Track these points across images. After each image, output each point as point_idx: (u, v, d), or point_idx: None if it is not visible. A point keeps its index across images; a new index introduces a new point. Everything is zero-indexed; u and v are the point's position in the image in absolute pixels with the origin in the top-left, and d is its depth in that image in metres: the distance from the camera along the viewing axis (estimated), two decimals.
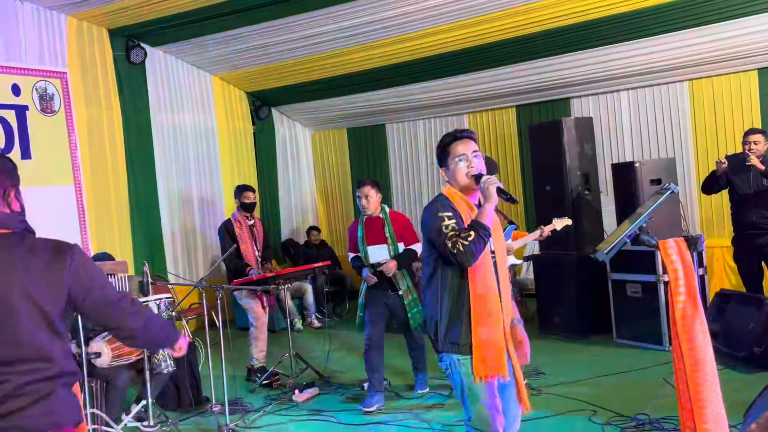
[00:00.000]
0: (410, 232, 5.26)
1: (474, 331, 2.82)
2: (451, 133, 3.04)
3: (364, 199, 5.15)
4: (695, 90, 7.94)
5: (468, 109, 9.43)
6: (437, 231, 2.82)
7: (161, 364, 4.67)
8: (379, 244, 5.16)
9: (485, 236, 2.74)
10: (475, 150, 2.99)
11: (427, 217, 2.92)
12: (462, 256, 2.72)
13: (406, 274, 5.14)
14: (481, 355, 2.81)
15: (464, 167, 2.95)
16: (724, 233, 7.39)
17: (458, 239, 2.73)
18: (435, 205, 2.93)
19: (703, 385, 2.47)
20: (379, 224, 5.18)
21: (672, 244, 2.54)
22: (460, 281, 2.86)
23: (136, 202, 7.95)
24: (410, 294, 5.11)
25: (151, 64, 8.29)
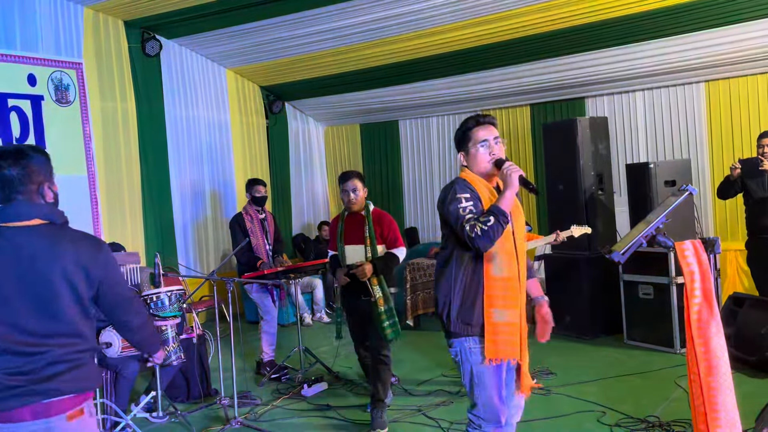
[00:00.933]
0: (394, 234, 4.73)
1: (487, 312, 2.81)
2: (473, 118, 3.01)
3: (352, 193, 4.69)
4: (711, 91, 7.87)
5: (482, 107, 9.40)
6: (454, 213, 2.80)
7: (171, 356, 4.69)
8: (357, 244, 4.68)
9: (504, 222, 2.73)
10: (496, 136, 2.97)
11: (444, 198, 2.89)
12: (479, 240, 2.70)
13: (383, 280, 4.61)
14: (493, 336, 2.80)
15: (486, 152, 2.93)
16: (738, 236, 7.33)
17: (477, 223, 2.72)
18: (452, 186, 2.90)
19: (717, 389, 2.44)
20: (360, 222, 4.71)
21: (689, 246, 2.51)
22: (477, 263, 2.86)
23: (148, 194, 7.98)
24: (385, 303, 4.57)
25: (166, 56, 8.31)
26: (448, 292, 2.89)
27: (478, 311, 2.84)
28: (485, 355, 2.81)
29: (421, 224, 10.23)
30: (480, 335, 2.84)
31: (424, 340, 7.00)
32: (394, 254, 4.68)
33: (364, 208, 4.73)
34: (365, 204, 4.75)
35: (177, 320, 4.72)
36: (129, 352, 4.77)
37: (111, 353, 4.70)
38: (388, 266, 4.65)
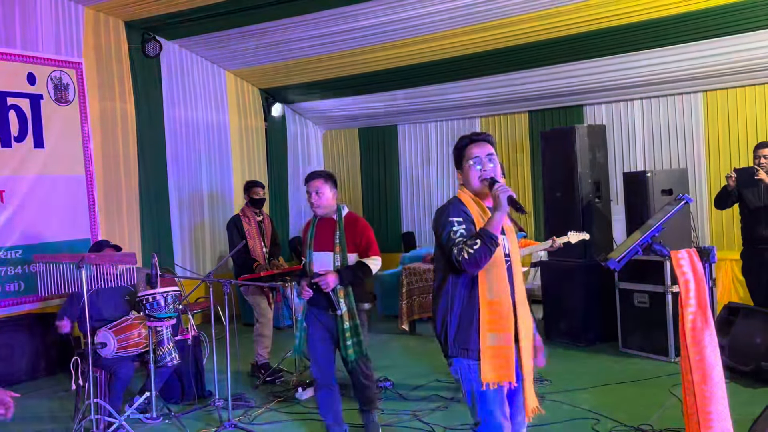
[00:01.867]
0: (368, 241, 4.26)
1: (482, 337, 2.81)
2: (467, 136, 3.01)
3: (314, 195, 4.23)
4: (709, 101, 7.90)
5: (481, 113, 9.42)
6: (445, 236, 2.81)
7: (166, 357, 4.69)
8: (326, 251, 4.21)
9: (491, 245, 2.71)
10: (490, 153, 2.95)
11: (438, 220, 2.91)
12: (465, 263, 2.71)
13: (351, 293, 4.15)
14: (489, 360, 2.80)
15: (477, 170, 2.93)
16: (734, 246, 7.35)
17: (464, 246, 2.72)
18: (446, 209, 2.91)
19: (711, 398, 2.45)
20: (331, 227, 4.25)
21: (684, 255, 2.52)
22: (471, 286, 2.85)
23: (146, 195, 7.98)
24: (351, 319, 4.12)
25: (166, 57, 8.32)
26: (444, 315, 2.90)
27: (474, 335, 2.84)
28: (482, 379, 2.82)
29: (417, 229, 10.24)
30: (477, 359, 2.84)
31: (419, 344, 7.00)
32: (366, 264, 4.19)
33: (335, 213, 4.29)
34: (337, 208, 4.31)
35: (172, 321, 4.72)
36: (124, 353, 4.77)
37: (106, 353, 4.70)
38: (357, 277, 4.16)
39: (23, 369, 6.24)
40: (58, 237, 6.93)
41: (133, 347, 4.81)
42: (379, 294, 8.72)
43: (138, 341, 4.81)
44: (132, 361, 4.87)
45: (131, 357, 4.86)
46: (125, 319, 4.88)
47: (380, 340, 7.43)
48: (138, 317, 4.90)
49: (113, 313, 5.00)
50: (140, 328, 4.82)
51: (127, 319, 4.89)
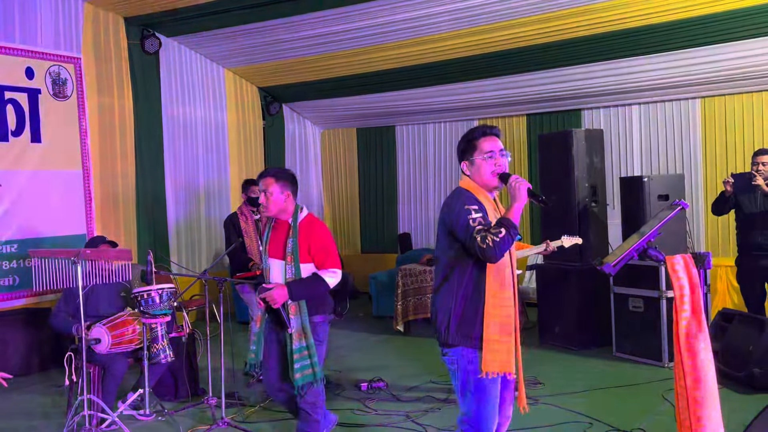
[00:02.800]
0: (325, 251, 3.80)
1: (486, 327, 2.83)
2: (480, 128, 3.02)
3: (262, 195, 3.78)
4: (707, 108, 7.93)
5: (479, 115, 9.43)
6: (464, 224, 2.80)
7: (160, 353, 4.69)
8: (278, 259, 3.78)
9: (514, 235, 2.76)
10: (502, 149, 2.99)
11: (451, 209, 2.89)
12: (490, 251, 2.71)
13: (304, 309, 3.70)
14: (492, 350, 2.82)
15: (491, 164, 2.94)
16: (729, 252, 7.37)
17: (488, 234, 2.73)
18: (459, 197, 2.90)
19: (704, 403, 2.46)
20: (284, 232, 3.81)
21: (679, 260, 2.53)
22: (479, 276, 2.87)
23: (143, 191, 7.97)
24: (302, 339, 3.68)
25: (165, 54, 8.31)
26: (449, 304, 2.91)
27: (479, 324, 2.86)
28: (483, 368, 2.83)
29: (414, 230, 10.25)
30: (477, 347, 2.87)
31: (413, 346, 7.00)
32: (320, 278, 3.74)
33: (291, 216, 3.82)
34: (294, 210, 3.83)
35: (167, 318, 4.72)
36: (118, 349, 4.76)
37: (100, 349, 4.70)
38: (308, 293, 3.72)
39: (17, 364, 6.22)
40: (55, 232, 6.92)
41: (128, 344, 4.80)
42: (374, 294, 8.73)
43: (132, 338, 4.80)
44: (126, 357, 4.86)
45: (125, 353, 4.85)
46: (120, 316, 4.88)
47: (375, 340, 7.43)
48: (133, 314, 4.89)
49: (108, 309, 4.99)
50: (135, 325, 4.81)
51: (122, 315, 4.89)
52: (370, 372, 5.86)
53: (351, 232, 10.90)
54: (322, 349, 3.85)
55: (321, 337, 3.81)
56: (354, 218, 10.87)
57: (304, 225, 3.80)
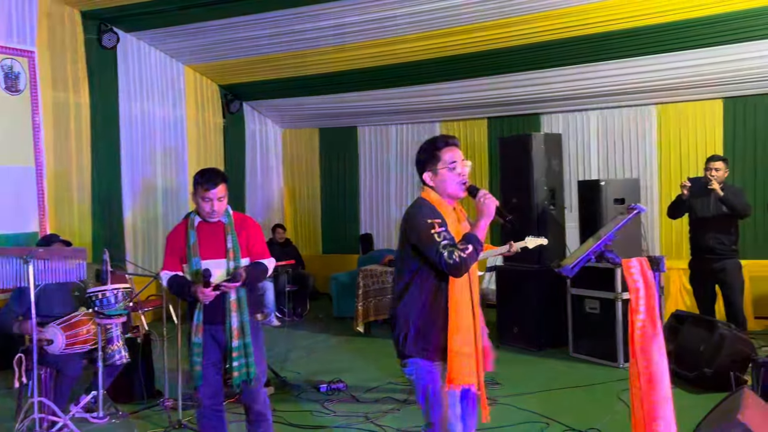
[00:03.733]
0: (262, 244, 3.89)
1: (450, 339, 2.81)
2: (441, 138, 3.00)
3: (216, 202, 3.71)
4: (662, 114, 8.13)
5: (441, 118, 9.49)
6: (429, 239, 2.78)
7: (115, 354, 4.60)
8: (217, 259, 3.69)
9: (480, 251, 2.78)
10: (463, 158, 2.98)
11: (414, 222, 2.86)
12: (456, 266, 2.72)
13: (245, 305, 3.69)
14: (456, 362, 2.81)
15: (456, 175, 2.93)
16: (682, 255, 7.55)
17: (455, 249, 2.73)
18: (422, 209, 2.88)
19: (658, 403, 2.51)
20: (220, 231, 3.75)
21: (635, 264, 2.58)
22: (439, 288, 2.86)
23: (98, 189, 7.80)
24: (241, 336, 3.66)
25: (123, 49, 8.16)
26: (407, 316, 2.89)
27: (437, 336, 2.85)
28: (445, 381, 2.83)
29: (376, 231, 10.25)
30: (436, 358, 2.86)
31: (373, 347, 7.00)
32: (264, 264, 3.81)
33: (224, 215, 3.80)
34: (226, 209, 3.83)
35: (123, 319, 4.64)
36: (71, 350, 4.65)
37: (53, 350, 4.58)
38: (259, 279, 3.84)
39: None
40: (5, 229, 6.73)
41: (82, 344, 4.69)
42: (335, 295, 8.71)
43: (86, 338, 4.70)
44: (80, 358, 4.75)
45: (79, 354, 4.74)
46: (74, 316, 4.76)
47: (335, 341, 7.41)
48: (87, 314, 4.78)
49: (61, 310, 4.87)
50: (89, 325, 4.70)
51: (76, 315, 4.78)
52: (329, 373, 5.84)
53: (312, 233, 10.86)
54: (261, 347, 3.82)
55: (257, 336, 3.78)
56: (315, 219, 10.83)
57: (238, 221, 3.82)
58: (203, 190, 3.70)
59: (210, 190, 3.70)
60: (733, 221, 5.99)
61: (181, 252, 3.73)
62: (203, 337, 3.68)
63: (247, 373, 3.69)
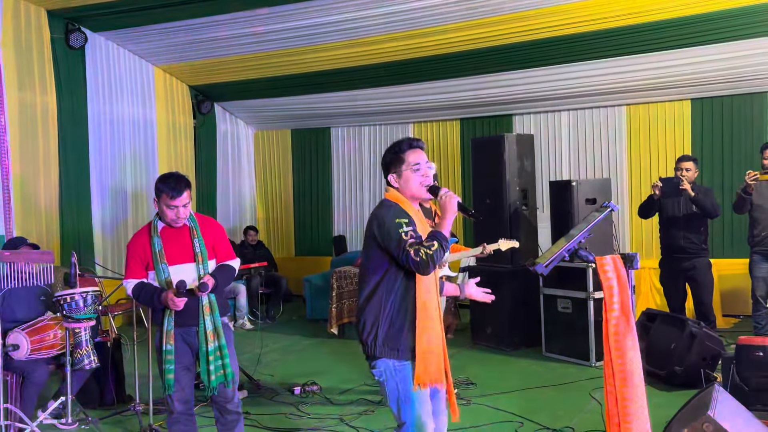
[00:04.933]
0: (227, 245, 3.86)
1: (419, 339, 2.84)
2: (406, 141, 3.03)
3: (181, 209, 3.63)
4: (632, 115, 8.23)
5: (414, 119, 9.50)
6: (396, 237, 2.81)
7: (84, 359, 4.50)
8: (185, 263, 3.66)
9: (446, 248, 2.80)
10: (427, 161, 3.04)
11: (381, 222, 2.88)
12: (423, 264, 2.74)
13: (216, 308, 3.69)
14: (424, 362, 2.84)
15: (420, 176, 2.96)
16: (653, 255, 7.65)
17: (421, 247, 2.75)
18: (389, 210, 2.90)
19: (631, 400, 2.53)
20: (185, 235, 3.70)
21: (609, 261, 2.60)
22: (406, 287, 2.89)
23: (66, 191, 7.65)
24: (216, 338, 3.66)
25: (92, 49, 8.02)
26: (376, 317, 2.90)
27: (405, 336, 2.87)
28: (415, 381, 2.85)
29: (349, 233, 10.22)
30: (405, 358, 2.88)
31: (347, 349, 6.97)
32: (231, 266, 3.82)
33: (188, 219, 3.72)
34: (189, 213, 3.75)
35: (91, 323, 4.54)
36: (38, 355, 4.55)
37: (18, 356, 4.48)
38: (227, 280, 3.81)
39: None
40: None
41: (48, 349, 4.60)
42: (308, 297, 8.66)
43: (53, 342, 4.60)
44: (47, 363, 4.65)
45: (46, 360, 4.64)
46: (40, 320, 4.67)
47: (308, 344, 7.36)
48: (54, 318, 4.69)
49: (27, 314, 4.77)
50: (56, 329, 4.61)
51: (42, 319, 4.68)
52: (303, 376, 5.80)
53: (285, 235, 10.79)
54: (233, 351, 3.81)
55: (230, 338, 3.77)
56: (288, 220, 10.77)
57: (202, 224, 3.77)
58: (168, 198, 3.60)
59: (175, 198, 3.61)
60: (703, 221, 6.08)
61: (146, 259, 3.67)
62: (175, 343, 3.63)
63: (224, 375, 3.66)
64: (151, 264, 3.65)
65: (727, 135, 7.78)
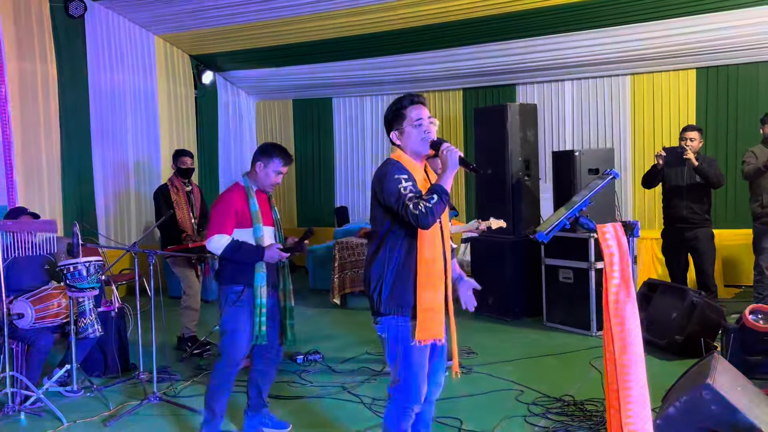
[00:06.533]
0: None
1: (419, 295, 2.85)
2: (407, 97, 3.02)
3: (280, 177, 3.95)
4: (636, 84, 8.16)
5: (416, 89, 9.42)
6: (395, 193, 2.81)
7: (88, 328, 4.55)
8: (269, 226, 3.92)
9: (446, 201, 2.78)
10: (429, 116, 3.00)
11: (381, 179, 2.89)
12: (423, 217, 2.72)
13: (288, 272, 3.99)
14: (423, 318, 2.85)
15: (421, 132, 2.94)
16: (655, 225, 7.65)
17: (420, 201, 2.75)
18: (389, 168, 2.90)
19: (630, 368, 2.54)
20: (265, 201, 3.97)
21: (609, 229, 2.59)
22: (410, 245, 2.89)
23: (68, 161, 7.65)
24: (287, 298, 3.97)
25: (91, 19, 7.95)
26: (380, 273, 2.92)
27: (409, 292, 2.88)
28: (415, 336, 2.86)
29: (351, 203, 10.23)
30: (409, 315, 2.89)
31: (349, 318, 7.02)
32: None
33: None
34: None
35: (95, 292, 4.57)
36: (42, 324, 4.59)
37: (23, 324, 4.52)
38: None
39: None
40: None
41: (53, 318, 4.63)
42: (311, 268, 8.69)
43: (58, 311, 4.64)
44: (52, 332, 4.69)
45: (51, 328, 4.68)
46: (44, 289, 4.69)
47: (311, 313, 7.41)
48: (58, 287, 4.72)
49: (31, 283, 4.79)
50: (60, 298, 4.64)
51: (46, 288, 4.71)
52: (306, 345, 5.84)
53: (288, 206, 10.80)
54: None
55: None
56: (290, 191, 10.76)
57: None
58: (281, 165, 3.89)
59: (287, 166, 3.93)
60: (706, 191, 6.06)
61: (242, 217, 3.81)
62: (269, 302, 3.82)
63: (293, 333, 4.00)
64: (248, 222, 3.80)
65: (732, 105, 7.71)
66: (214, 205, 3.94)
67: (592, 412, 4.16)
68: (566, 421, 4.06)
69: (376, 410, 4.35)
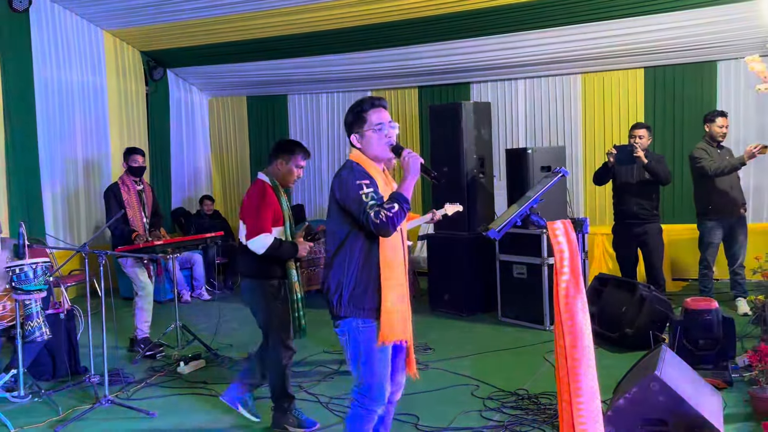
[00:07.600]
0: None
1: (384, 297, 2.86)
2: (368, 100, 3.00)
3: (301, 171, 4.14)
4: (587, 83, 8.32)
5: (372, 86, 9.43)
6: (357, 199, 2.80)
7: (35, 331, 4.43)
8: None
9: (407, 209, 2.79)
10: (390, 120, 2.99)
11: (343, 183, 2.88)
12: (383, 225, 2.73)
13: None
14: (388, 319, 2.86)
15: (383, 136, 2.94)
16: (606, 221, 7.81)
17: (381, 209, 2.74)
18: (351, 172, 2.89)
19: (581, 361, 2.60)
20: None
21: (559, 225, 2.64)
22: (370, 248, 2.89)
23: (13, 160, 7.42)
24: (300, 290, 4.12)
25: (37, 13, 7.72)
26: (341, 277, 2.91)
27: (371, 295, 2.89)
28: (379, 338, 2.87)
29: (308, 201, 10.18)
30: (371, 318, 2.90)
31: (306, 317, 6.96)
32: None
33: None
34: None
35: (42, 294, 4.45)
36: None
37: None
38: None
39: None
40: None
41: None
42: None
43: (3, 314, 4.51)
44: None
45: None
46: None
47: None
48: (3, 290, 4.58)
49: None
50: (5, 301, 4.51)
51: None
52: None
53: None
54: None
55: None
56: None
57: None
58: (302, 159, 4.02)
59: (307, 159, 4.03)
60: (654, 187, 6.21)
61: (277, 216, 3.94)
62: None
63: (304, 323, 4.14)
64: (281, 221, 3.95)
65: (678, 103, 7.92)
66: (250, 203, 4.03)
67: (546, 405, 4.23)
68: (520, 415, 4.11)
69: (332, 408, 4.35)
